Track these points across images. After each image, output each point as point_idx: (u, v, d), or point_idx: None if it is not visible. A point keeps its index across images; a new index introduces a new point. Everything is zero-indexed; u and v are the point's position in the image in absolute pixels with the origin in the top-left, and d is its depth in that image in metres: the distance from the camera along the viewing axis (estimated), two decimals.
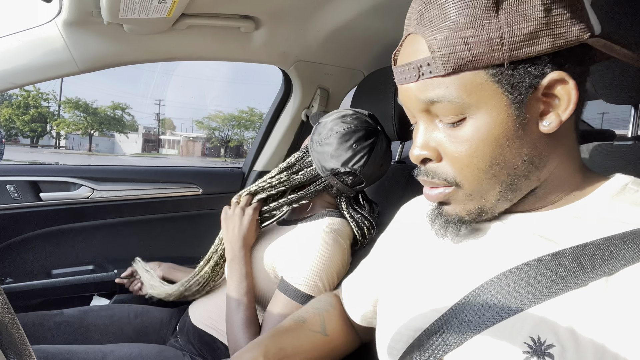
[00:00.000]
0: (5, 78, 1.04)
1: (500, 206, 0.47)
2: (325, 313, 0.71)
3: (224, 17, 1.15)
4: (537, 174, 0.45)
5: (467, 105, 0.42)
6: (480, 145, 0.43)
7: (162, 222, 1.61)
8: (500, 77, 0.41)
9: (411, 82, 0.45)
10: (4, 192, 1.34)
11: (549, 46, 0.40)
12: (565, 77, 0.41)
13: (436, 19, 0.41)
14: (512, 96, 0.41)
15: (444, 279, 0.50)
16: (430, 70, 0.42)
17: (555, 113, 0.42)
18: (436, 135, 0.46)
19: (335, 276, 0.89)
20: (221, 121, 32.08)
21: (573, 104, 0.42)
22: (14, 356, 0.36)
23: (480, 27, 0.39)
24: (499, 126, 0.42)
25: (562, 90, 0.42)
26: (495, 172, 0.44)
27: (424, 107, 0.45)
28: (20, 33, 1.03)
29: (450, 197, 0.48)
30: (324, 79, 1.55)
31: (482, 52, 0.40)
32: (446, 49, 0.41)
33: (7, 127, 26.38)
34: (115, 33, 1.11)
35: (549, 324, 0.39)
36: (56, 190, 1.43)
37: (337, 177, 0.94)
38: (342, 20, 1.20)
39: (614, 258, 0.39)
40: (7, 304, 0.37)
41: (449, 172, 0.46)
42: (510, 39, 0.39)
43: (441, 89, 0.42)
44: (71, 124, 28.77)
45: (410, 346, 0.50)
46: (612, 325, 0.36)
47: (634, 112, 0.69)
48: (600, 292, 0.38)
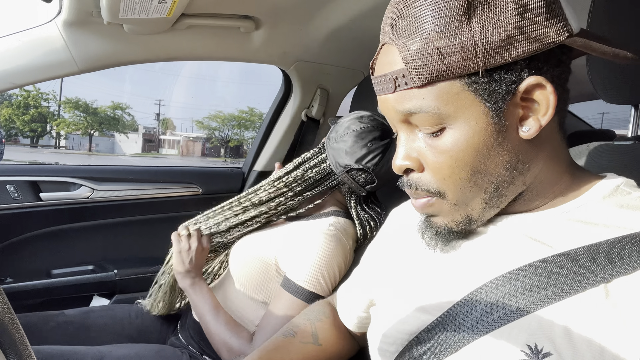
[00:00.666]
0: (5, 78, 1.04)
1: (488, 213, 0.46)
2: (317, 323, 0.70)
3: (224, 17, 1.15)
4: (522, 179, 0.44)
5: (445, 116, 0.42)
6: (460, 155, 0.43)
7: (162, 222, 1.61)
8: (476, 86, 0.40)
9: (388, 94, 0.44)
10: (4, 192, 1.34)
11: (525, 51, 0.39)
12: (543, 81, 0.40)
13: (409, 29, 0.41)
14: (489, 104, 0.41)
15: (438, 282, 0.49)
16: (406, 82, 0.42)
17: (534, 118, 0.42)
18: (417, 146, 0.46)
19: (337, 274, 0.90)
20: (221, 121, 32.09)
21: (552, 108, 0.41)
22: (14, 356, 0.36)
23: (452, 36, 0.39)
24: (477, 135, 0.42)
25: (540, 95, 0.41)
26: (478, 180, 0.44)
27: (403, 118, 0.45)
28: (20, 33, 1.03)
29: (435, 209, 0.47)
30: (324, 79, 1.55)
31: (456, 61, 0.39)
32: (420, 60, 0.40)
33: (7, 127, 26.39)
34: (115, 33, 1.11)
35: (546, 332, 0.38)
36: (56, 190, 1.43)
37: (350, 175, 0.95)
38: (342, 21, 1.20)
39: (613, 264, 0.38)
40: (7, 304, 0.37)
41: (432, 182, 0.46)
42: (484, 47, 0.39)
43: (418, 100, 0.42)
44: (71, 124, 28.77)
45: (404, 350, 0.50)
46: (612, 334, 0.36)
47: (634, 112, 0.69)
48: (599, 299, 0.38)
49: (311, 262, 0.88)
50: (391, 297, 0.55)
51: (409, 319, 0.50)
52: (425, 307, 0.49)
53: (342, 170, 0.95)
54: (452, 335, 0.44)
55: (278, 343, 0.66)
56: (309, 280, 0.87)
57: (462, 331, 0.43)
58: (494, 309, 0.42)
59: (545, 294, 0.40)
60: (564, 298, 0.39)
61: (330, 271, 0.89)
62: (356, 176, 0.95)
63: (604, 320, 0.37)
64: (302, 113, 1.60)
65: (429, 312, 0.48)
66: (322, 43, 1.34)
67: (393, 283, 0.56)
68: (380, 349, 0.54)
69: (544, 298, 0.40)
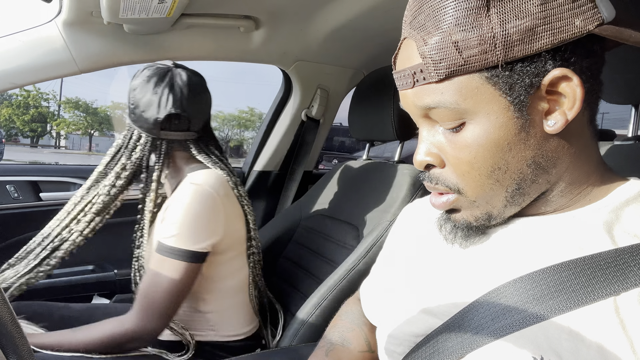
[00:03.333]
0: (5, 78, 1.04)
1: (509, 211, 0.45)
2: (364, 327, 0.68)
3: (224, 16, 1.15)
4: (546, 177, 0.43)
5: (464, 110, 0.41)
6: (480, 151, 0.41)
7: None
8: (496, 79, 0.39)
9: (407, 89, 0.44)
10: (4, 192, 1.34)
11: (549, 42, 0.37)
12: (569, 73, 0.38)
13: (427, 23, 0.40)
14: (510, 98, 0.39)
15: (447, 286, 0.49)
16: (424, 77, 0.41)
17: (560, 112, 0.40)
18: (438, 141, 0.45)
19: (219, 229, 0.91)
20: (221, 121, 32.08)
21: (579, 101, 0.39)
22: (14, 356, 0.36)
23: (470, 30, 0.38)
24: (498, 130, 0.40)
25: (566, 87, 0.39)
26: (499, 177, 0.42)
27: (423, 113, 0.44)
28: (20, 33, 1.03)
29: (455, 205, 0.46)
30: (324, 78, 1.55)
31: (474, 55, 0.38)
32: (437, 54, 0.39)
33: (7, 127, 26.37)
34: (115, 33, 1.11)
35: (553, 344, 0.37)
36: (56, 190, 1.43)
37: (168, 130, 0.94)
38: (342, 20, 1.20)
39: (624, 276, 0.37)
40: (7, 304, 0.37)
41: (452, 178, 0.45)
42: (504, 39, 0.37)
43: (436, 95, 0.41)
44: (71, 124, 28.76)
45: (410, 352, 0.49)
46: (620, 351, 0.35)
47: (634, 112, 0.68)
48: (608, 313, 0.36)
49: (178, 219, 0.87)
50: (400, 297, 0.55)
51: (417, 321, 0.49)
52: (433, 310, 0.48)
53: (158, 129, 0.93)
54: (459, 340, 0.43)
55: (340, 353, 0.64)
56: (177, 234, 0.86)
57: (469, 336, 0.43)
58: (502, 316, 0.41)
59: (554, 303, 0.38)
60: (572, 309, 0.37)
61: (204, 226, 0.88)
62: (173, 127, 0.94)
63: (611, 336, 0.35)
64: (302, 113, 1.60)
65: (437, 315, 0.47)
66: (322, 43, 1.34)
67: (402, 284, 0.56)
68: (388, 349, 0.54)
69: (552, 308, 0.38)
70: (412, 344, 0.49)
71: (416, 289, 0.52)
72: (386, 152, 5.21)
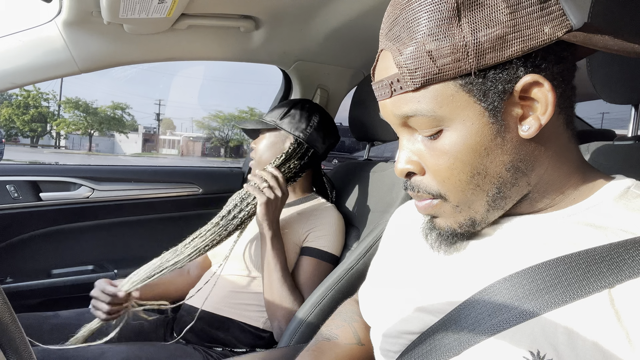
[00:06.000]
0: (5, 78, 1.04)
1: (492, 215, 0.46)
2: (354, 323, 0.69)
3: (224, 17, 1.15)
4: (526, 180, 0.44)
5: (441, 118, 0.42)
6: (458, 156, 0.42)
7: (162, 222, 1.61)
8: (470, 87, 0.40)
9: (386, 99, 0.45)
10: (4, 192, 1.34)
11: (519, 49, 0.38)
12: (540, 79, 0.40)
13: (402, 34, 0.41)
14: (485, 104, 0.40)
15: (441, 283, 0.49)
16: (400, 87, 0.42)
17: (534, 117, 0.41)
18: (417, 149, 0.46)
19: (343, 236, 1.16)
20: (221, 121, 32.09)
21: (551, 106, 0.40)
22: (14, 356, 0.36)
23: (443, 39, 0.39)
24: (474, 135, 0.41)
25: (538, 92, 0.40)
26: (478, 182, 0.43)
27: (401, 122, 0.45)
28: (20, 33, 1.03)
29: (438, 210, 0.47)
30: (324, 78, 1.55)
31: (448, 63, 0.39)
32: (412, 64, 0.40)
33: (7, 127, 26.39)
34: (115, 33, 1.11)
35: (549, 338, 0.38)
36: (56, 190, 1.43)
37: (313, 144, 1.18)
38: (342, 20, 1.20)
39: (618, 269, 0.37)
40: (7, 304, 0.37)
41: (433, 185, 0.46)
42: (475, 47, 0.38)
43: (414, 104, 0.42)
44: (71, 124, 28.78)
45: (406, 350, 0.49)
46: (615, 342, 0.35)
47: (634, 112, 0.69)
48: (603, 305, 0.37)
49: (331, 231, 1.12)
50: (395, 296, 0.55)
51: (412, 319, 0.50)
52: (428, 308, 0.49)
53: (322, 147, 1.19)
54: (455, 337, 0.43)
55: (323, 346, 0.65)
56: (330, 245, 1.10)
57: (465, 333, 0.43)
58: (497, 312, 0.41)
59: (549, 297, 0.39)
60: (567, 303, 0.38)
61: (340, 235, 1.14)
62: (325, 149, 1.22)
63: (607, 328, 0.36)
64: None
65: (432, 313, 0.48)
66: (322, 43, 1.34)
67: (397, 283, 0.56)
68: (383, 349, 0.54)
69: (548, 302, 0.39)
70: (408, 342, 0.50)
71: (411, 288, 0.53)
72: (386, 152, 5.21)
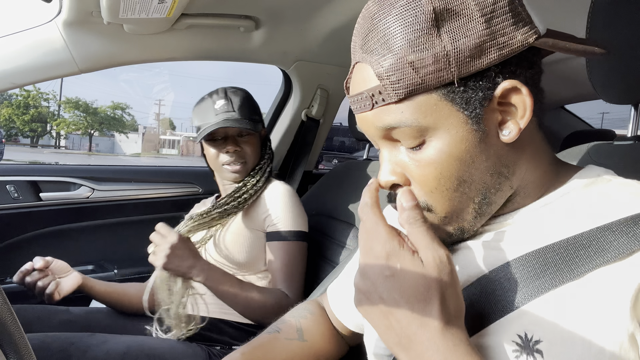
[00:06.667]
0: (5, 78, 1.04)
1: (479, 222, 0.47)
2: (302, 320, 0.69)
3: (224, 16, 1.15)
4: (509, 183, 0.45)
5: (425, 128, 0.42)
6: (445, 166, 0.43)
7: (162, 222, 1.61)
8: (452, 95, 0.41)
9: (366, 111, 0.44)
10: (4, 192, 1.34)
11: (496, 56, 0.40)
12: (517, 84, 0.41)
13: (380, 46, 0.41)
14: (467, 112, 0.41)
15: None
16: (382, 98, 0.42)
17: (513, 121, 0.42)
18: (401, 160, 0.46)
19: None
20: None
21: (529, 110, 0.41)
22: (14, 356, 0.36)
23: (424, 50, 0.39)
24: (460, 144, 0.42)
25: (516, 98, 0.41)
26: (465, 190, 0.44)
27: (383, 134, 0.45)
28: (20, 33, 1.03)
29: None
30: (324, 78, 1.55)
31: (430, 73, 0.40)
32: (394, 75, 0.40)
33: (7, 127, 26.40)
34: (115, 33, 1.11)
35: (536, 320, 0.39)
36: (56, 190, 1.43)
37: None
38: (342, 20, 1.20)
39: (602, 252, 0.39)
40: (7, 304, 0.37)
41: (419, 196, 0.45)
42: (456, 57, 0.39)
43: (397, 114, 0.42)
44: (71, 124, 28.79)
45: None
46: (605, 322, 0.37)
47: (634, 112, 0.68)
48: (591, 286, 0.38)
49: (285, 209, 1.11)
50: None
51: None
52: None
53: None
54: None
55: (262, 340, 0.65)
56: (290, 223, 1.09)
57: None
58: (485, 306, 0.42)
59: (537, 284, 0.40)
60: (554, 288, 0.39)
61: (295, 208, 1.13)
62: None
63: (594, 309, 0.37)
64: (302, 113, 1.60)
65: None
66: (322, 43, 1.34)
67: None
68: (376, 353, 0.54)
69: (535, 289, 0.40)
70: None
71: None
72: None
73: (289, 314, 0.72)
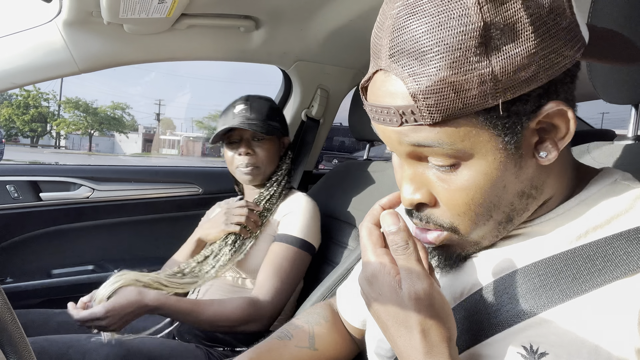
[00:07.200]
0: (5, 78, 1.04)
1: (498, 238, 0.45)
2: (316, 326, 0.68)
3: (224, 17, 1.15)
4: (535, 203, 0.43)
5: (462, 152, 0.38)
6: (477, 192, 0.39)
7: (162, 222, 1.61)
8: (495, 121, 0.36)
9: (392, 126, 0.39)
10: (4, 192, 1.34)
11: (545, 77, 0.35)
12: (563, 106, 0.37)
13: (414, 60, 0.36)
14: (508, 137, 0.37)
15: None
16: (415, 119, 0.37)
17: (551, 142, 0.39)
18: (428, 178, 0.42)
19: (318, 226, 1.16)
20: None
21: (571, 133, 0.38)
22: (14, 356, 0.36)
23: (469, 72, 0.34)
24: (496, 170, 0.38)
25: (559, 120, 0.38)
26: (492, 213, 0.41)
27: (409, 150, 0.40)
28: (20, 33, 1.03)
29: (446, 240, 0.44)
30: (324, 79, 1.55)
31: (473, 97, 0.35)
32: (432, 98, 0.35)
33: (7, 127, 26.40)
34: (115, 33, 1.11)
35: (543, 333, 0.38)
36: (56, 190, 1.43)
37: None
38: (342, 20, 1.20)
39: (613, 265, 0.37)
40: (7, 304, 0.37)
41: (445, 218, 0.42)
42: (504, 80, 0.34)
43: (430, 134, 0.37)
44: (71, 124, 28.79)
45: None
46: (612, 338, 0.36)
47: (634, 112, 0.68)
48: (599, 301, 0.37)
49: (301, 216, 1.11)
50: None
51: None
52: None
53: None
54: None
55: (272, 345, 0.64)
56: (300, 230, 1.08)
57: (460, 335, 0.43)
58: (492, 314, 0.42)
59: (546, 297, 0.39)
60: (562, 302, 0.38)
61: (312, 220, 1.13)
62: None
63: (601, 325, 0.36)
64: (302, 113, 1.60)
65: None
66: (322, 43, 1.34)
67: None
68: (378, 353, 0.54)
69: (544, 302, 0.39)
70: None
71: None
72: (386, 152, 5.20)
73: (303, 319, 0.70)
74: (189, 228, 1.20)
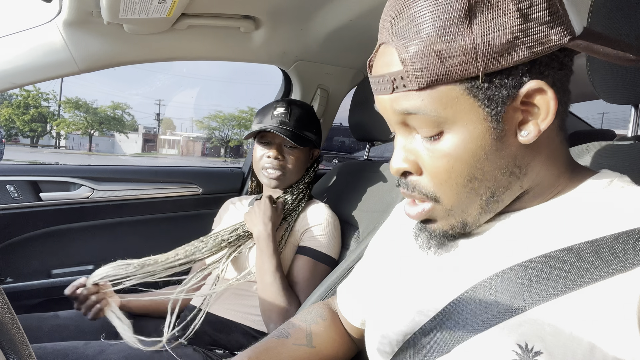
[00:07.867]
0: (5, 78, 1.04)
1: (484, 217, 0.46)
2: (313, 325, 0.69)
3: (224, 17, 1.15)
4: (519, 183, 0.44)
5: (444, 120, 0.41)
6: (458, 160, 0.42)
7: (162, 222, 1.61)
8: (476, 91, 0.39)
9: (385, 94, 0.44)
10: (4, 192, 1.34)
11: (526, 55, 0.38)
12: (544, 86, 0.39)
13: (408, 31, 0.40)
14: (489, 109, 0.40)
15: (432, 283, 0.49)
16: (404, 84, 0.41)
17: (534, 122, 0.41)
18: (415, 148, 0.45)
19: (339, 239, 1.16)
20: (221, 121, 32.09)
21: (552, 113, 0.40)
22: (14, 356, 0.36)
23: (453, 40, 0.38)
24: (476, 140, 0.41)
25: (540, 99, 0.40)
26: (474, 186, 0.43)
27: (400, 119, 0.44)
28: (20, 33, 1.03)
29: (431, 214, 0.47)
30: (324, 78, 1.55)
31: (456, 65, 0.38)
32: (419, 63, 0.39)
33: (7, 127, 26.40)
34: (115, 33, 1.11)
35: (537, 330, 0.38)
36: (56, 190, 1.43)
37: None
38: (342, 20, 1.20)
39: (610, 262, 0.38)
40: (7, 304, 0.37)
41: (429, 187, 0.45)
42: (485, 51, 0.37)
43: (416, 101, 0.41)
44: (71, 124, 28.79)
45: (399, 350, 0.50)
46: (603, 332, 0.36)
47: (634, 112, 0.68)
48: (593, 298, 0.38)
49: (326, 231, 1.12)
50: (386, 296, 0.55)
51: (404, 320, 0.50)
52: (420, 307, 0.49)
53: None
54: (445, 335, 0.44)
55: (270, 344, 0.65)
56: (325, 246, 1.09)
57: (455, 331, 0.43)
58: (487, 308, 0.42)
59: (540, 292, 0.40)
60: (557, 297, 0.39)
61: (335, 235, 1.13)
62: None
63: (595, 321, 0.37)
64: None
65: (424, 312, 0.48)
66: (322, 43, 1.34)
67: (389, 283, 0.56)
68: (379, 349, 0.54)
69: (537, 297, 0.40)
70: (401, 343, 0.50)
71: (401, 288, 0.53)
72: (386, 152, 5.21)
73: (300, 318, 0.71)
74: (189, 228, 1.20)
